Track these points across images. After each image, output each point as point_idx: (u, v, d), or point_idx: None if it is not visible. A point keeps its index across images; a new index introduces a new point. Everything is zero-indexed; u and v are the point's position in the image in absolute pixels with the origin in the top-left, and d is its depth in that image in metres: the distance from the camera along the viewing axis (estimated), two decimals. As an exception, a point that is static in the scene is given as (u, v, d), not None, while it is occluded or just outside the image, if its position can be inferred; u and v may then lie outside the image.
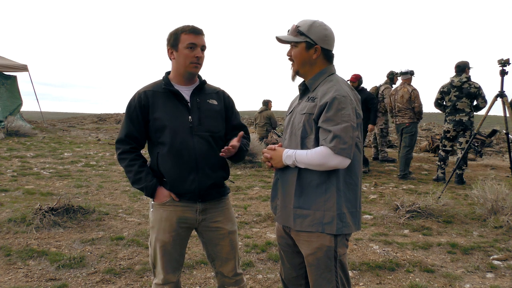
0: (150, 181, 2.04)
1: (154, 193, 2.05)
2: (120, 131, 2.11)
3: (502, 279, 3.27)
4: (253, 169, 7.75)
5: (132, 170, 2.04)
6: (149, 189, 2.04)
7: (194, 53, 2.01)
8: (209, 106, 2.12)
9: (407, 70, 7.59)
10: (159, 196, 2.06)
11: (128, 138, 2.08)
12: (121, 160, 2.09)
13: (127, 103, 2.09)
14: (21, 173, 6.63)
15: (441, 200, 5.06)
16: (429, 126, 21.41)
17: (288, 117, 2.05)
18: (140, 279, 3.13)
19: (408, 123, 7.38)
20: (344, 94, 1.80)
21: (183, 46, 2.00)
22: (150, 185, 2.03)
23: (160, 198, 2.06)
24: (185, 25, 2.03)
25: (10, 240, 3.75)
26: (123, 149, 2.08)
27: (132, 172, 2.05)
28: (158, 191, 2.06)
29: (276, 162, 1.93)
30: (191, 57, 2.01)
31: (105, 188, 5.97)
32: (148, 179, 2.03)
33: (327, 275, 1.87)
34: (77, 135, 13.16)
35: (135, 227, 4.26)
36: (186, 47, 2.00)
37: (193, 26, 2.02)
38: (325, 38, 1.91)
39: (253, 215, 4.85)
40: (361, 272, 3.34)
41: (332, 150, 1.74)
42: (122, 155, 2.08)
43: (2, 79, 12.93)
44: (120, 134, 2.10)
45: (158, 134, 2.04)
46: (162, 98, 2.05)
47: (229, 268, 2.18)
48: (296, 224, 1.89)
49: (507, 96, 5.61)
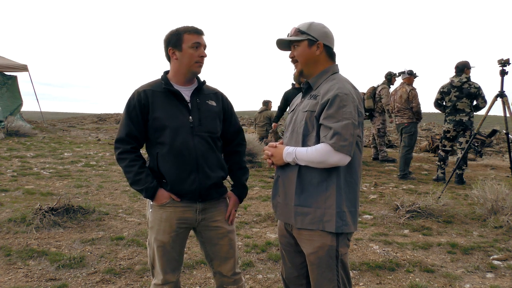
0: (151, 183, 2.02)
1: (154, 195, 2.03)
2: (119, 130, 2.08)
3: (502, 279, 3.27)
4: (253, 169, 7.75)
5: (132, 170, 2.02)
6: (150, 191, 2.02)
7: (199, 52, 2.03)
8: (209, 107, 2.13)
9: (404, 70, 7.62)
10: (159, 198, 2.04)
11: (128, 138, 2.05)
12: (121, 160, 2.06)
13: (126, 102, 2.08)
14: (21, 173, 6.63)
15: (441, 200, 5.06)
16: (429, 126, 21.42)
17: (290, 115, 2.06)
18: (140, 279, 3.13)
19: (407, 123, 7.40)
20: (346, 92, 1.80)
21: (188, 45, 2.01)
22: (151, 187, 2.02)
23: (160, 199, 2.05)
24: (185, 25, 2.04)
25: (10, 240, 3.75)
26: (123, 148, 2.05)
27: (132, 172, 2.02)
28: (158, 193, 2.04)
29: (277, 159, 1.93)
30: (196, 57, 2.02)
31: (105, 188, 5.96)
32: (148, 181, 2.02)
33: (329, 275, 1.87)
34: (77, 135, 13.16)
35: (135, 227, 4.26)
36: (191, 47, 2.01)
37: (194, 26, 2.04)
38: (326, 35, 1.93)
39: (253, 215, 4.85)
40: (361, 272, 3.34)
41: (332, 147, 1.74)
42: (122, 154, 2.05)
43: (2, 79, 12.93)
44: (119, 134, 2.07)
45: (157, 134, 2.03)
46: (161, 97, 2.04)
47: (228, 267, 2.18)
48: (297, 221, 1.89)
49: (507, 96, 5.61)
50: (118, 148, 2.07)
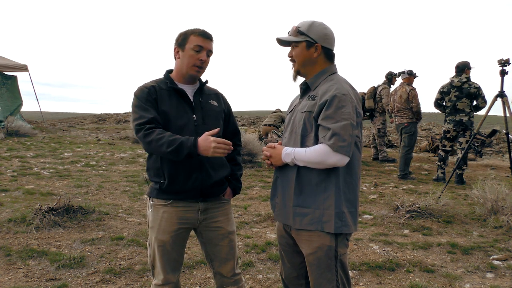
0: (187, 137, 1.88)
1: (196, 142, 1.85)
2: (139, 117, 1.94)
3: (502, 279, 3.27)
4: (253, 169, 7.75)
5: (164, 136, 1.87)
6: (189, 141, 1.85)
7: (199, 55, 2.02)
8: (211, 106, 2.14)
9: (404, 70, 7.63)
10: (204, 142, 1.85)
11: (154, 121, 1.93)
12: (148, 134, 1.88)
13: (138, 96, 2.00)
14: (21, 173, 6.63)
15: (441, 200, 5.06)
16: (429, 126, 21.42)
17: (289, 116, 2.06)
18: (140, 279, 3.13)
19: (407, 123, 7.40)
20: (345, 92, 1.80)
21: (190, 47, 2.01)
22: (189, 139, 1.86)
23: (205, 143, 1.84)
24: (197, 27, 2.05)
25: (10, 240, 3.75)
26: (149, 126, 1.91)
27: (163, 138, 1.86)
28: (199, 139, 1.87)
29: (276, 160, 1.93)
30: (195, 59, 2.02)
31: (105, 188, 5.97)
32: (184, 136, 1.88)
33: (328, 275, 1.87)
34: (77, 135, 13.15)
35: (135, 227, 4.26)
36: (192, 48, 2.01)
37: (204, 30, 2.05)
38: (325, 37, 1.92)
39: (253, 215, 4.85)
40: (361, 272, 3.34)
41: (331, 147, 1.74)
42: (149, 130, 1.89)
43: (3, 79, 12.93)
44: (142, 119, 1.92)
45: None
46: (167, 94, 2.05)
47: (228, 268, 2.18)
48: (296, 222, 1.89)
49: (507, 96, 5.61)
50: (141, 128, 1.91)
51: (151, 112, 1.96)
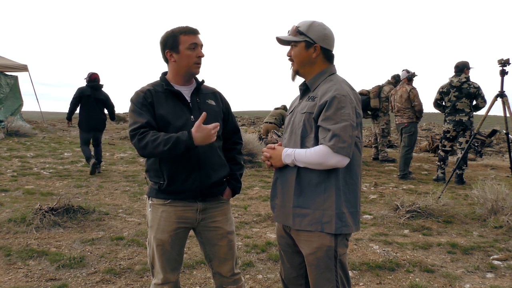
0: (181, 132, 1.90)
1: (190, 134, 1.87)
2: (133, 123, 1.95)
3: (502, 279, 3.27)
4: (253, 169, 7.75)
5: (159, 136, 1.89)
6: (184, 135, 1.87)
7: (196, 53, 2.02)
8: (209, 106, 2.13)
9: (404, 70, 7.64)
10: (199, 133, 1.87)
11: (148, 125, 1.95)
12: (142, 139, 1.90)
13: (134, 101, 2.01)
14: (21, 173, 6.63)
15: (441, 200, 5.06)
16: (429, 126, 21.42)
17: (289, 116, 2.06)
18: (140, 279, 3.13)
19: (407, 123, 7.40)
20: (344, 93, 1.80)
21: (185, 47, 2.00)
22: (183, 133, 1.88)
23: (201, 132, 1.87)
24: (180, 26, 2.03)
25: (10, 240, 3.76)
26: (143, 130, 1.92)
27: (159, 138, 1.88)
28: (193, 130, 1.88)
29: (276, 161, 1.93)
30: (194, 58, 2.02)
31: (105, 188, 5.97)
32: (177, 133, 1.89)
33: (327, 275, 1.86)
34: (77, 135, 13.15)
35: (135, 227, 4.26)
36: (188, 48, 2.00)
37: (189, 26, 2.03)
38: (325, 37, 1.91)
39: (253, 215, 4.85)
40: (361, 272, 3.34)
41: (331, 148, 1.74)
42: (142, 134, 1.91)
43: (5, 79, 12.93)
44: (136, 124, 1.94)
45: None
46: (163, 97, 2.05)
47: (227, 268, 2.18)
48: (295, 223, 1.89)
49: (507, 96, 5.61)
50: (135, 133, 1.92)
51: (145, 117, 1.96)
